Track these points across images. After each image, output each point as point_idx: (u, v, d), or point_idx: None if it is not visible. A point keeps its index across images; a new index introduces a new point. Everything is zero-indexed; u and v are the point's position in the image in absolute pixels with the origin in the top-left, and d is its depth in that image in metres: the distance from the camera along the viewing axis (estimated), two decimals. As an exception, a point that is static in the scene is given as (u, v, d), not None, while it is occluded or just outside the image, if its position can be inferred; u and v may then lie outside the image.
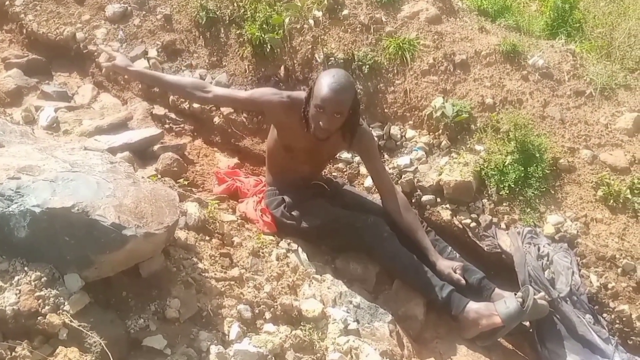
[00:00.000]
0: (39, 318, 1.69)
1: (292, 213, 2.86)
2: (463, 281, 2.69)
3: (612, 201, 3.06)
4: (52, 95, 3.68)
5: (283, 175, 2.95)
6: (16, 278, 1.73)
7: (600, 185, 3.10)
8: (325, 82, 2.46)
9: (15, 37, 4.17)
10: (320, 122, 2.50)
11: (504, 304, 2.60)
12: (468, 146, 3.30)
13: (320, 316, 2.30)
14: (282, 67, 3.62)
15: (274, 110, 2.75)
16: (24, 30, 4.10)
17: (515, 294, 2.64)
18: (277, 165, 2.98)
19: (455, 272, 2.71)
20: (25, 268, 1.75)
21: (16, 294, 1.70)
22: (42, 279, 1.74)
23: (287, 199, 2.89)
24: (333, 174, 3.42)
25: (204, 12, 3.80)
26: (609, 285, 2.87)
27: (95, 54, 3.89)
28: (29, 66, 3.90)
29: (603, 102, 3.41)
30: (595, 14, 4.42)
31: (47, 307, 1.71)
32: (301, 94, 2.72)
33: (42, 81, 3.86)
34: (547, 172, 3.14)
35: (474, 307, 2.64)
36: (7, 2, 4.11)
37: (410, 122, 3.49)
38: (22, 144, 2.27)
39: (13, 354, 1.61)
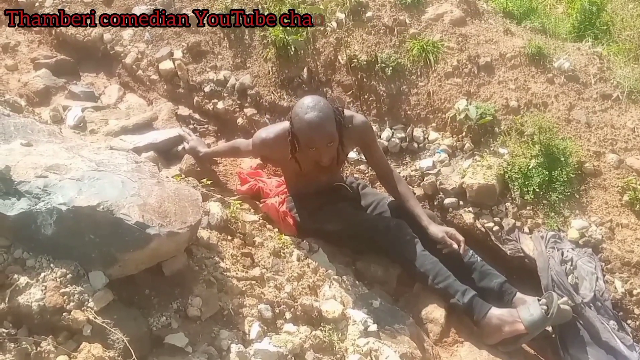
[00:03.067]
0: (63, 314, 1.73)
1: (314, 217, 2.86)
2: (456, 246, 2.68)
3: (638, 206, 3.01)
4: (80, 95, 3.73)
5: (304, 188, 2.94)
6: (42, 274, 1.77)
7: (626, 190, 3.05)
8: (304, 122, 2.43)
9: (44, 38, 4.26)
10: (322, 159, 2.54)
11: (527, 310, 2.55)
12: (492, 149, 3.27)
13: (340, 317, 2.30)
14: (305, 69, 3.63)
15: (266, 153, 2.88)
16: (53, 31, 4.18)
17: (539, 300, 2.60)
18: (296, 184, 2.97)
19: (450, 238, 2.69)
20: (51, 265, 1.79)
21: (42, 290, 1.74)
22: (68, 276, 1.78)
23: (309, 206, 2.90)
24: (355, 175, 3.41)
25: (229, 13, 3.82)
26: (634, 292, 2.83)
27: (122, 54, 3.95)
28: (57, 66, 3.97)
29: (630, 106, 3.36)
30: (623, 16, 4.34)
31: (72, 304, 1.74)
32: (278, 127, 2.72)
33: (70, 81, 3.92)
34: (572, 176, 3.10)
35: (496, 313, 2.60)
36: (36, 4, 4.19)
37: (434, 124, 3.47)
38: (50, 143, 2.31)
39: (38, 348, 1.65)
